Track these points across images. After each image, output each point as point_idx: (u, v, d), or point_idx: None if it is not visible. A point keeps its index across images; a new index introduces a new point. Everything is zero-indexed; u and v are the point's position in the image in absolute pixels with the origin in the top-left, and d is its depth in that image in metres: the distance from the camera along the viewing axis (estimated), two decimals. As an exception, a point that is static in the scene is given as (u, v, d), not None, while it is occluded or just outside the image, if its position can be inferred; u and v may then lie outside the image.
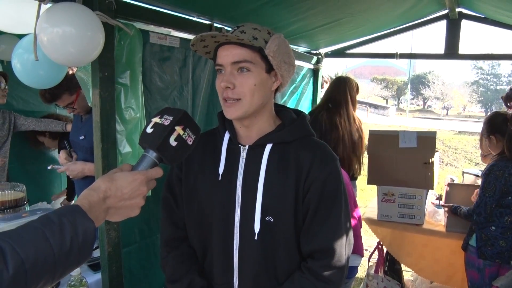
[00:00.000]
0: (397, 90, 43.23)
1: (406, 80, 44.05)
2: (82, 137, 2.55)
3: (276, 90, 1.32)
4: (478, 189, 2.68)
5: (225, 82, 1.19)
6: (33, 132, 3.24)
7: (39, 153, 3.43)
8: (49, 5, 1.56)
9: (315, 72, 4.09)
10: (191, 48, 1.28)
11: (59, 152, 3.21)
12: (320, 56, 4.01)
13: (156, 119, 1.00)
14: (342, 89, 3.22)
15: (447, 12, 3.37)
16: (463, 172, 3.85)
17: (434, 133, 3.03)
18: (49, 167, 2.78)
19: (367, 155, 3.09)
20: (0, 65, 3.19)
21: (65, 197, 3.29)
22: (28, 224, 0.79)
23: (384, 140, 3.06)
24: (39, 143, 3.32)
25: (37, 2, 1.57)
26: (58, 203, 3.34)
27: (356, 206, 2.55)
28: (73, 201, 3.14)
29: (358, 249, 2.45)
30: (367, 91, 39.59)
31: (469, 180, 3.63)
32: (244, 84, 1.20)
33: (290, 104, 3.71)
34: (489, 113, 2.76)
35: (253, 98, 1.21)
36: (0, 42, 2.96)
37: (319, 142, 1.34)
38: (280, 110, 1.38)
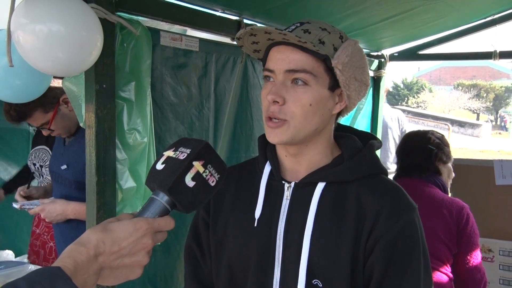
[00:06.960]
0: (495, 100, 41.46)
1: (509, 85, 42.39)
2: (64, 167, 2.59)
3: (339, 114, 1.33)
4: None
5: (273, 95, 1.20)
6: None
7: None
8: (28, -7, 1.58)
9: (376, 81, 4.02)
10: (236, 43, 1.30)
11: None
12: (383, 60, 3.95)
13: (169, 153, 1.02)
14: None
15: None
16: None
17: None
18: (16, 206, 2.69)
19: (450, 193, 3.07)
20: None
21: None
22: None
23: (472, 174, 3.03)
24: None
25: (10, -12, 1.59)
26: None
27: None
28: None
29: None
30: (448, 103, 38.26)
31: None
32: (297, 102, 1.20)
33: (342, 123, 3.67)
34: None
35: (305, 121, 1.22)
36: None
37: (392, 184, 1.33)
38: (341, 135, 1.37)
